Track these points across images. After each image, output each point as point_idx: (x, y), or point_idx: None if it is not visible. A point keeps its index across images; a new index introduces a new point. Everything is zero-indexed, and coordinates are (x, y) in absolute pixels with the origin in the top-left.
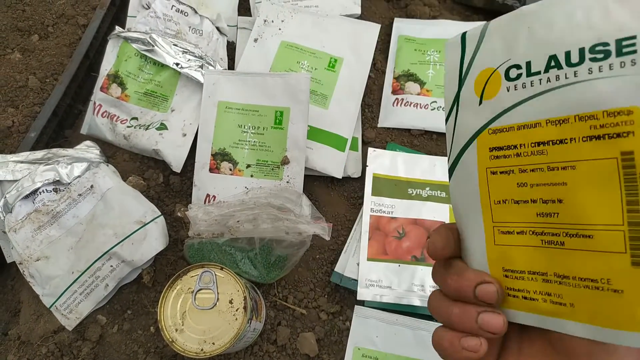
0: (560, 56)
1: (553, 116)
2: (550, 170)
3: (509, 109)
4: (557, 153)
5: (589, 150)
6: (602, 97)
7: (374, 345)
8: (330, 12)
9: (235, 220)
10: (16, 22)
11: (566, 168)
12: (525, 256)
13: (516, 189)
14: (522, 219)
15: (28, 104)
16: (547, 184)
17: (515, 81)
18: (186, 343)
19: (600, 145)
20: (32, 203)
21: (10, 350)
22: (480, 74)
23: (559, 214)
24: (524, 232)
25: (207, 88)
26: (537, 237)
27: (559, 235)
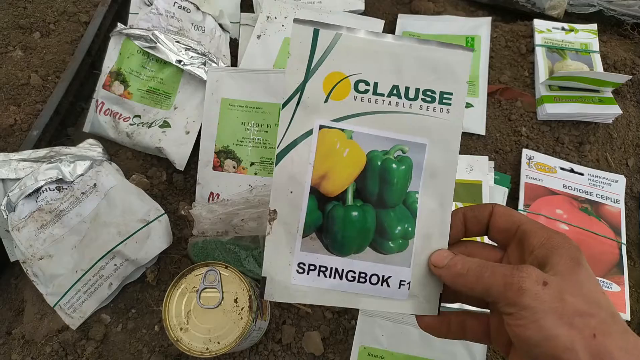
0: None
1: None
2: None
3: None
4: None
5: None
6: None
7: (380, 344)
8: (334, 8)
9: (239, 218)
10: (18, 20)
11: None
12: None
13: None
14: None
15: (30, 102)
16: None
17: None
18: (191, 342)
19: None
20: (35, 202)
21: (14, 350)
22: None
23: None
24: None
25: (210, 85)
26: None
27: None
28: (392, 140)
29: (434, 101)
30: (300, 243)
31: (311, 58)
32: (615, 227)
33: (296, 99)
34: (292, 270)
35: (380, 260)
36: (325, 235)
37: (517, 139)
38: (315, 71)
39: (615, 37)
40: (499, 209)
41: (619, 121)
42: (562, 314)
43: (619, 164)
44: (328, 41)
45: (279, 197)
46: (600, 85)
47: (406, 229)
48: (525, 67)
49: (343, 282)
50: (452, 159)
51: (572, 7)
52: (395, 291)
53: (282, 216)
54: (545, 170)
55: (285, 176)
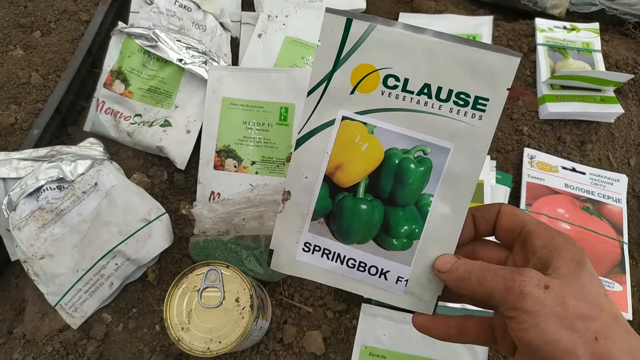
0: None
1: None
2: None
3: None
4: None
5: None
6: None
7: (381, 343)
8: (335, 6)
9: (240, 217)
10: (18, 19)
11: None
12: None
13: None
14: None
15: (31, 101)
16: None
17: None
18: (192, 342)
19: None
20: (36, 201)
21: (15, 349)
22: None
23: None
24: None
25: (211, 84)
26: None
27: None
28: (414, 140)
29: (467, 105)
30: (309, 225)
31: (341, 48)
32: (617, 227)
33: (322, 88)
34: (298, 247)
35: (381, 254)
36: (332, 222)
37: (519, 138)
38: (344, 62)
39: (617, 36)
40: (505, 208)
41: (620, 120)
42: (563, 317)
43: (621, 163)
44: (361, 32)
45: (293, 180)
46: (602, 84)
47: (413, 230)
48: (527, 66)
49: (343, 266)
50: (476, 168)
51: (574, 6)
52: (392, 285)
53: (295, 198)
54: (547, 169)
55: (302, 161)
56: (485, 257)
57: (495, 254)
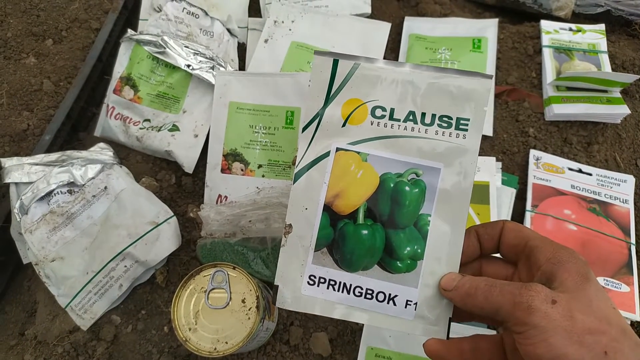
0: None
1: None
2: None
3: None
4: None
5: None
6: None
7: (387, 345)
8: (341, 11)
9: (247, 220)
10: (31, 27)
11: None
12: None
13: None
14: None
15: (43, 107)
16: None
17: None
18: (199, 342)
19: None
20: (47, 204)
21: (27, 350)
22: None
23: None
24: None
25: (218, 89)
26: None
27: None
28: (406, 164)
29: (450, 127)
30: (312, 257)
31: (330, 86)
32: (624, 227)
33: (315, 124)
34: (303, 281)
35: (388, 278)
36: (335, 251)
37: (525, 140)
38: (334, 98)
39: (623, 37)
40: (509, 224)
41: (627, 121)
42: (571, 332)
43: (628, 164)
44: (347, 70)
45: (294, 213)
46: (608, 85)
47: (415, 250)
48: (532, 68)
49: (350, 296)
50: (468, 183)
51: (580, 7)
52: (402, 310)
53: (297, 230)
54: (553, 170)
55: (302, 194)
56: (492, 273)
57: (501, 270)
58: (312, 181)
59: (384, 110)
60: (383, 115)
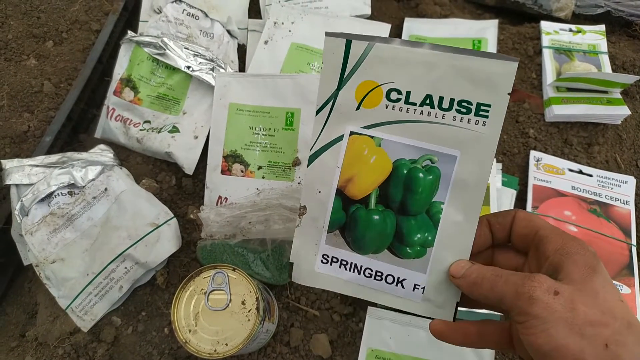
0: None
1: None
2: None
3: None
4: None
5: None
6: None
7: (388, 346)
8: (341, 13)
9: (247, 221)
10: (31, 29)
11: None
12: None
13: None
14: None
15: (43, 109)
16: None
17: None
18: (199, 344)
19: None
20: (47, 206)
21: (27, 352)
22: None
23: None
24: None
25: (218, 90)
26: None
27: None
28: (421, 150)
29: (470, 112)
30: (325, 237)
31: (344, 68)
32: (625, 229)
33: (329, 107)
34: (317, 259)
35: (397, 263)
36: (347, 234)
37: (525, 141)
38: (348, 80)
39: (623, 38)
40: (520, 214)
41: (628, 122)
42: (572, 323)
43: (629, 165)
44: (360, 51)
45: (308, 195)
46: (608, 86)
47: (426, 238)
48: (532, 69)
49: (361, 276)
50: (485, 173)
51: (580, 8)
52: (409, 292)
53: (311, 212)
54: (553, 171)
55: (315, 177)
56: (503, 263)
57: (512, 260)
58: (325, 165)
59: (399, 94)
60: (398, 98)
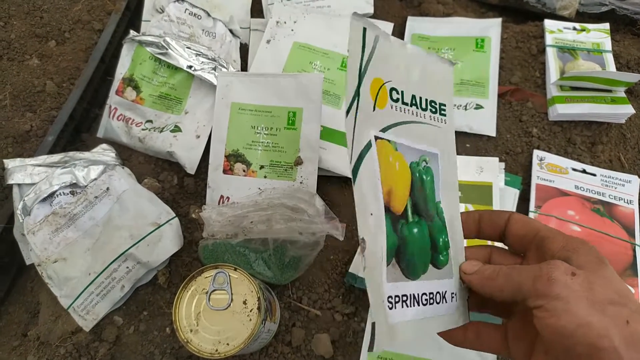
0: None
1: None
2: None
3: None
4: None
5: None
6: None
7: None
8: (343, 12)
9: (248, 221)
10: (34, 29)
11: None
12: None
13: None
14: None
15: (46, 109)
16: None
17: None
18: (201, 344)
19: None
20: (49, 206)
21: (29, 351)
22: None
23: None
24: None
25: (220, 90)
26: None
27: None
28: (418, 151)
29: (436, 112)
30: (386, 272)
31: (362, 59)
32: (629, 228)
33: (355, 105)
34: (385, 307)
35: (439, 275)
36: (401, 259)
37: (528, 140)
38: (364, 74)
39: (628, 36)
40: (516, 216)
41: (632, 121)
42: (594, 301)
43: (633, 164)
44: (371, 43)
45: (364, 222)
46: (612, 85)
47: (446, 241)
48: (536, 68)
49: (419, 308)
50: (454, 169)
51: (584, 6)
52: (451, 305)
53: (370, 244)
54: (556, 171)
55: (364, 195)
56: (500, 263)
57: (509, 260)
58: (366, 178)
59: (397, 93)
60: (397, 98)
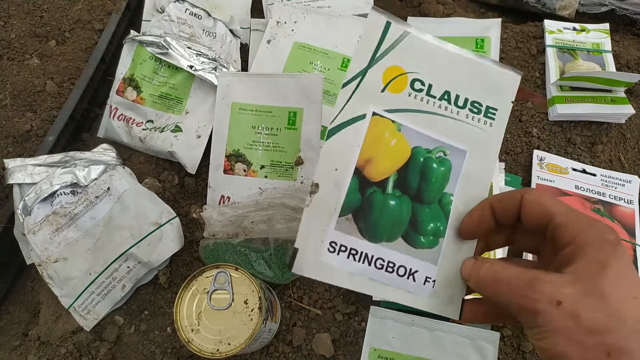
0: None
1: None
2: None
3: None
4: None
5: None
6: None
7: (390, 346)
8: (343, 12)
9: (249, 220)
10: (34, 29)
11: None
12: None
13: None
14: None
15: (46, 108)
16: None
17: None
18: (202, 343)
19: None
20: (50, 205)
21: (30, 351)
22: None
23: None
24: None
25: (220, 90)
26: None
27: None
28: (436, 141)
29: (480, 113)
30: (336, 222)
31: (378, 47)
32: (629, 228)
33: (356, 82)
34: (323, 247)
35: (410, 252)
36: (360, 219)
37: (528, 140)
38: (378, 61)
39: (628, 36)
40: (529, 197)
41: (632, 121)
42: (574, 332)
43: (633, 164)
44: (396, 36)
45: (324, 172)
46: (612, 85)
47: (438, 227)
48: (536, 68)
49: (371, 268)
50: (489, 170)
51: (583, 7)
52: (420, 286)
53: (323, 191)
54: (556, 171)
55: (334, 152)
56: (522, 242)
57: (530, 241)
58: (345, 141)
59: (422, 85)
60: (421, 89)
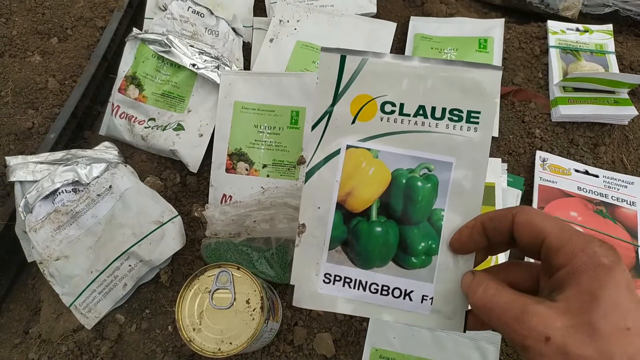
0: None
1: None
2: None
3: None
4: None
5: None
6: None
7: (392, 346)
8: (346, 11)
9: (251, 220)
10: (36, 26)
11: None
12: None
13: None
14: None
15: (48, 106)
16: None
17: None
18: (204, 342)
19: None
20: (51, 203)
21: (31, 349)
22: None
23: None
24: None
25: (223, 88)
26: None
27: None
28: (417, 159)
29: (461, 120)
30: (327, 255)
31: (339, 82)
32: (632, 230)
33: (325, 122)
34: (319, 279)
35: (402, 274)
36: (349, 249)
37: (531, 141)
38: (342, 94)
39: (631, 38)
40: (520, 219)
41: (635, 122)
42: None
43: (635, 165)
44: (355, 66)
45: (307, 212)
46: (615, 86)
47: (430, 246)
48: (539, 69)
49: (366, 293)
50: (480, 176)
51: (587, 7)
52: (418, 305)
53: (310, 230)
54: (559, 172)
55: (314, 193)
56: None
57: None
58: (323, 180)
59: (393, 106)
60: (393, 110)
